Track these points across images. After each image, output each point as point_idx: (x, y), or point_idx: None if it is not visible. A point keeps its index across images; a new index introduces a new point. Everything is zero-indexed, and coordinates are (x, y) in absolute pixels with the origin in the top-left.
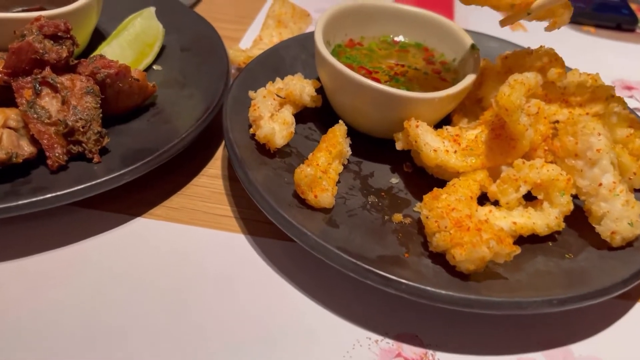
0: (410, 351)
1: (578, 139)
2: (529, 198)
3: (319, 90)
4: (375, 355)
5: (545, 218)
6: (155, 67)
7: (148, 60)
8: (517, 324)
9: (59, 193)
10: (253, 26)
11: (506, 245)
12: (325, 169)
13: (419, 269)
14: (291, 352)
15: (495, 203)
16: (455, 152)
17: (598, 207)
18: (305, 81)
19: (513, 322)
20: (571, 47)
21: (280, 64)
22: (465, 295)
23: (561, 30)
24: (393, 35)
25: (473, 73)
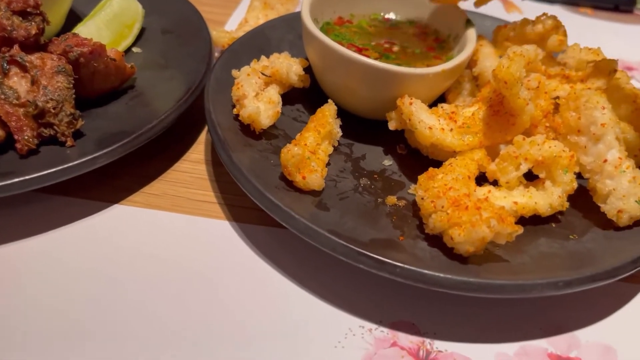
0: (407, 340)
1: (581, 114)
2: (530, 178)
3: (307, 70)
4: (369, 344)
5: (547, 197)
6: (134, 50)
7: (127, 42)
8: (519, 309)
9: (27, 177)
10: (239, 9)
11: (508, 224)
12: (313, 149)
13: (414, 252)
14: (280, 343)
15: (495, 184)
16: (452, 130)
17: (603, 185)
18: (292, 59)
19: (515, 308)
20: (569, 29)
21: (265, 44)
22: (465, 278)
23: (558, 12)
24: (384, 13)
25: (469, 49)
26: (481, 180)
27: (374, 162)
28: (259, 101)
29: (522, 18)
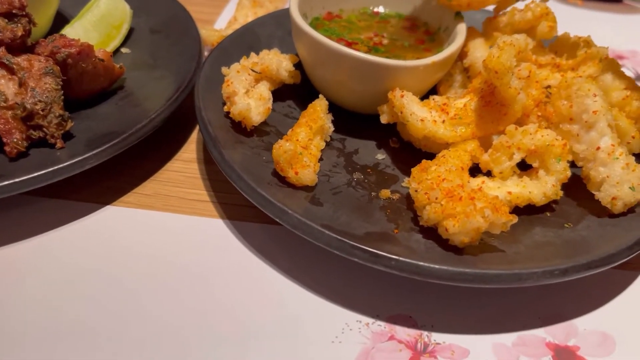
0: (404, 333)
1: (572, 102)
2: (524, 168)
3: (297, 67)
4: (366, 338)
5: (541, 186)
6: (123, 50)
7: (115, 42)
8: (516, 300)
9: (17, 180)
10: (228, 8)
11: (502, 214)
12: (305, 144)
13: (409, 245)
14: (276, 340)
15: (489, 175)
16: (444, 122)
17: (597, 173)
18: (282, 56)
19: (512, 298)
20: (558, 20)
21: (255, 41)
22: (461, 269)
23: (548, 4)
24: (373, 7)
25: (459, 40)
26: (475, 171)
27: (367, 157)
28: (249, 98)
29: (511, 7)
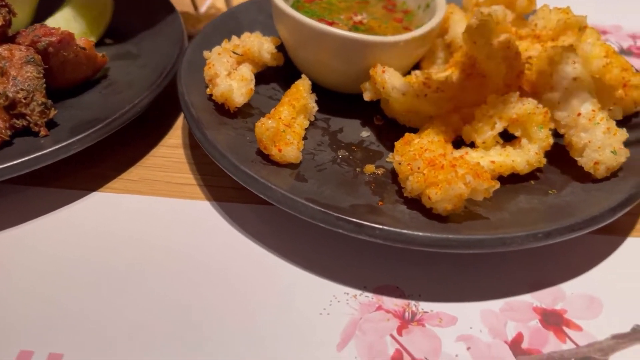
0: (392, 303)
1: (553, 70)
2: (507, 140)
3: (280, 50)
4: (354, 310)
5: (524, 155)
6: (106, 40)
7: (98, 32)
8: (503, 266)
9: (0, 167)
10: None
11: (484, 179)
12: (288, 122)
13: (394, 215)
14: (266, 314)
15: (472, 147)
16: (426, 96)
17: (578, 138)
18: (264, 38)
19: (498, 265)
20: None
21: (237, 26)
22: (445, 235)
23: None
24: None
25: (439, 16)
26: (459, 145)
27: (352, 135)
28: (231, 79)
29: None
